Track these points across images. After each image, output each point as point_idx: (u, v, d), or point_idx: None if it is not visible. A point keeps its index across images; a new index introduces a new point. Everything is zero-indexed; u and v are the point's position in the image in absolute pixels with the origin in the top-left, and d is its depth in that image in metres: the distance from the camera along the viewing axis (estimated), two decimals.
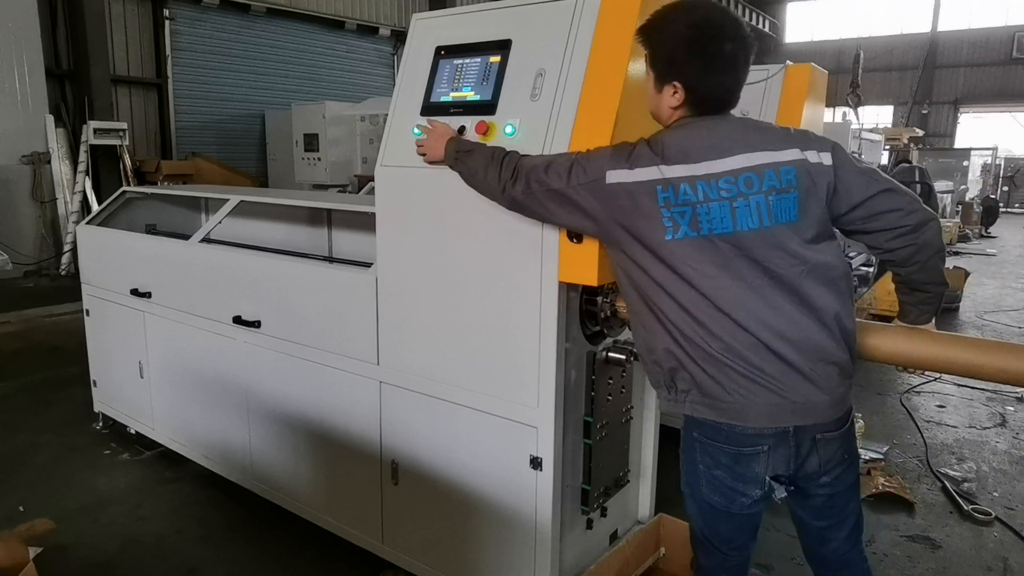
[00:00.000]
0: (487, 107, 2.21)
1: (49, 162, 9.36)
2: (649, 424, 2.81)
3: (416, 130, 2.35)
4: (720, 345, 1.67)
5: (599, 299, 2.26)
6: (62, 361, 5.61)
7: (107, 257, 3.95)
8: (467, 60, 2.30)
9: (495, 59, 2.23)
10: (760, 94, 3.69)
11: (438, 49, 2.38)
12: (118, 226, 4.15)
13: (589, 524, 2.53)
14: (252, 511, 3.26)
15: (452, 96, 2.31)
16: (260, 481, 3.24)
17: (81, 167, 9.45)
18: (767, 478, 1.76)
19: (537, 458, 2.21)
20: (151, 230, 4.25)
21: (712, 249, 1.66)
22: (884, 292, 6.65)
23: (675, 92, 1.75)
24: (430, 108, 2.36)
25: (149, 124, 11.04)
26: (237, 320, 3.07)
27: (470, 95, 2.27)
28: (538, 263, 2.10)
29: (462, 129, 2.24)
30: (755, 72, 3.69)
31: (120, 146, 9.70)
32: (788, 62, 3.70)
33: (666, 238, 1.66)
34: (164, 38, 10.85)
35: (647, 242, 1.69)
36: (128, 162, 9.84)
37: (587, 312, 2.32)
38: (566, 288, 2.13)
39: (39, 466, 3.82)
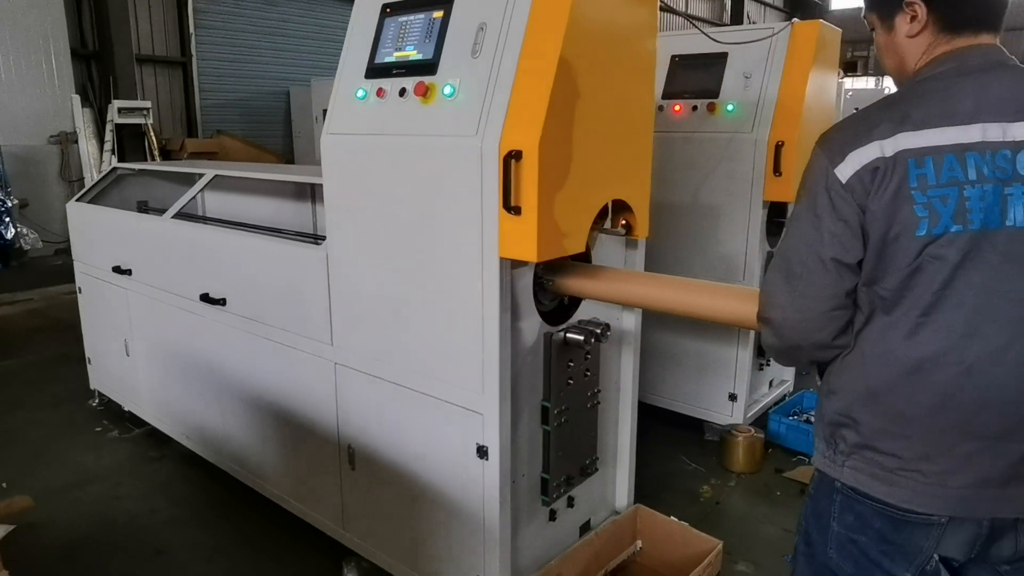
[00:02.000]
0: (428, 67, 2.03)
1: (76, 142, 9.49)
2: (626, 409, 2.64)
3: (360, 93, 2.19)
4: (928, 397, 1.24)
5: (544, 276, 2.09)
6: (77, 338, 5.66)
7: (93, 234, 3.91)
8: (411, 17, 2.12)
9: (438, 14, 2.05)
10: (764, 55, 3.42)
11: (384, 6, 2.21)
12: (110, 203, 4.12)
13: (552, 515, 2.38)
14: (230, 492, 3.20)
15: (396, 56, 2.14)
16: (234, 463, 3.17)
17: (107, 146, 9.56)
18: (935, 558, 1.30)
19: (483, 447, 2.06)
20: (142, 207, 4.21)
21: (976, 252, 1.19)
22: None
23: (913, 15, 1.32)
24: (374, 70, 2.19)
25: (175, 102, 11.10)
26: (204, 298, 2.98)
27: (413, 54, 2.09)
28: (478, 237, 1.93)
29: (403, 91, 2.07)
30: (759, 30, 3.43)
31: (145, 124, 9.77)
32: (795, 19, 3.41)
33: (917, 233, 1.19)
34: (188, 16, 10.82)
35: (886, 240, 1.22)
36: (154, 140, 9.92)
37: (542, 290, 2.15)
38: (509, 265, 1.96)
39: (33, 442, 3.84)
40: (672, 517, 2.60)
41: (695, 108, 3.57)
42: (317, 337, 2.51)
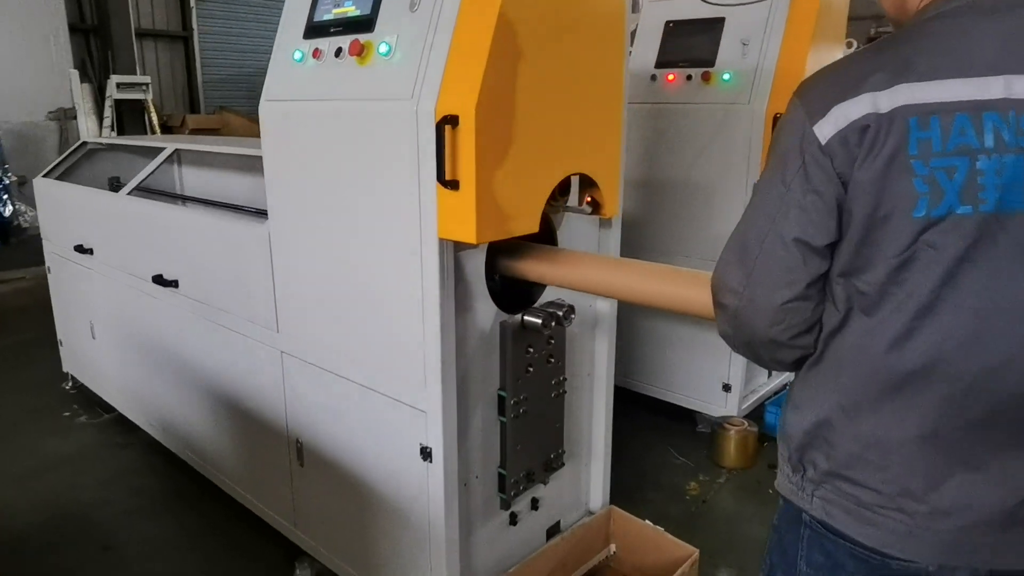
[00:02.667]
0: (365, 23, 1.81)
1: (75, 118, 9.37)
2: (600, 400, 2.43)
3: (297, 55, 1.98)
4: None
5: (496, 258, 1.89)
6: None
7: (58, 211, 3.75)
8: None
9: None
10: (762, 25, 3.14)
11: None
12: (82, 179, 3.95)
13: (513, 519, 2.19)
14: (192, 483, 3.04)
15: (334, 13, 1.92)
16: (193, 453, 3.02)
17: (106, 122, 9.43)
18: None
19: (426, 448, 1.86)
20: (114, 183, 4.03)
21: (987, 240, 0.93)
22: None
23: None
24: (313, 29, 1.98)
25: (176, 78, 10.96)
26: (157, 279, 2.80)
27: (351, 10, 1.87)
28: (416, 215, 1.72)
29: (339, 51, 1.85)
30: None
31: (145, 100, 9.62)
32: None
33: (915, 214, 0.94)
34: None
35: (872, 221, 0.97)
36: (154, 116, 9.77)
37: (496, 273, 1.95)
38: (452, 247, 1.75)
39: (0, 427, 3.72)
40: (647, 521, 2.40)
41: (689, 77, 3.31)
42: (263, 323, 2.33)
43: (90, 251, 3.39)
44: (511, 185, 1.66)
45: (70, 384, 4.13)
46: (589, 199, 2.01)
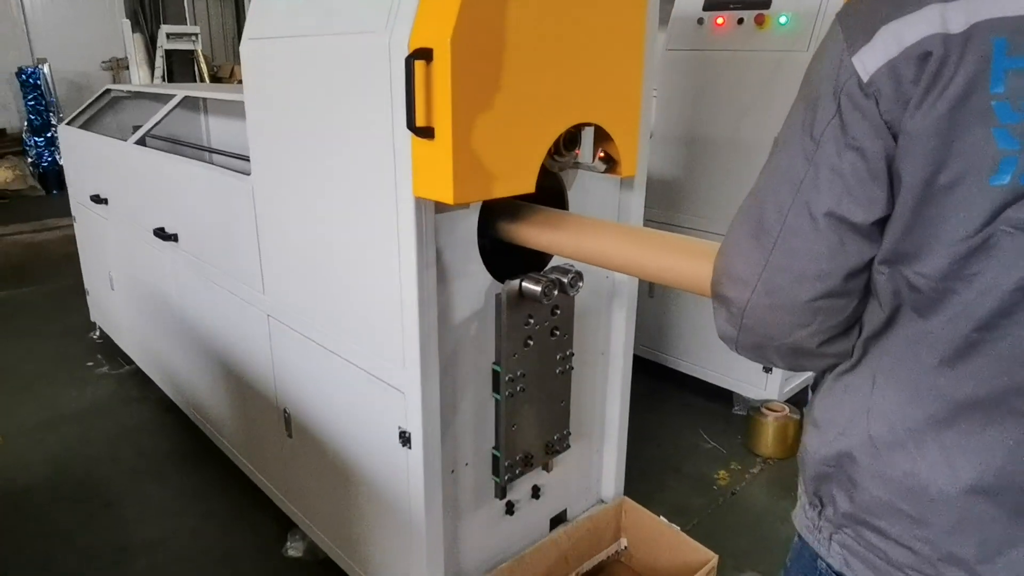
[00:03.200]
0: None
1: (128, 67, 9.42)
2: (616, 378, 2.18)
3: None
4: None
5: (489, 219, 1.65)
6: None
7: (78, 159, 3.68)
8: None
9: None
10: None
11: None
12: (106, 127, 3.87)
13: (510, 508, 1.99)
14: (197, 443, 2.96)
15: None
16: (198, 412, 2.93)
17: (157, 72, 9.44)
18: None
19: (405, 432, 1.67)
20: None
21: None
22: None
23: None
24: None
25: (226, 29, 10.90)
26: (158, 233, 2.67)
27: None
28: (391, 170, 1.49)
29: None
30: None
31: (194, 51, 9.58)
32: None
33: (993, 180, 0.65)
34: None
35: (932, 189, 0.69)
36: (204, 67, 9.73)
37: (490, 235, 1.72)
38: (432, 207, 1.52)
39: (24, 374, 3.73)
40: (662, 518, 2.17)
41: (741, 21, 2.95)
42: (250, 283, 2.17)
43: (105, 201, 3.30)
44: (499, 136, 1.41)
45: (97, 333, 4.12)
46: (603, 154, 1.74)
